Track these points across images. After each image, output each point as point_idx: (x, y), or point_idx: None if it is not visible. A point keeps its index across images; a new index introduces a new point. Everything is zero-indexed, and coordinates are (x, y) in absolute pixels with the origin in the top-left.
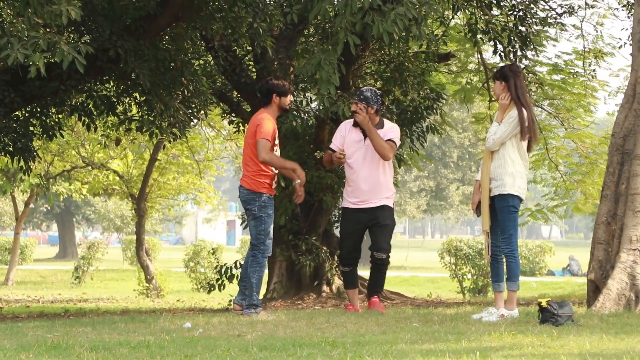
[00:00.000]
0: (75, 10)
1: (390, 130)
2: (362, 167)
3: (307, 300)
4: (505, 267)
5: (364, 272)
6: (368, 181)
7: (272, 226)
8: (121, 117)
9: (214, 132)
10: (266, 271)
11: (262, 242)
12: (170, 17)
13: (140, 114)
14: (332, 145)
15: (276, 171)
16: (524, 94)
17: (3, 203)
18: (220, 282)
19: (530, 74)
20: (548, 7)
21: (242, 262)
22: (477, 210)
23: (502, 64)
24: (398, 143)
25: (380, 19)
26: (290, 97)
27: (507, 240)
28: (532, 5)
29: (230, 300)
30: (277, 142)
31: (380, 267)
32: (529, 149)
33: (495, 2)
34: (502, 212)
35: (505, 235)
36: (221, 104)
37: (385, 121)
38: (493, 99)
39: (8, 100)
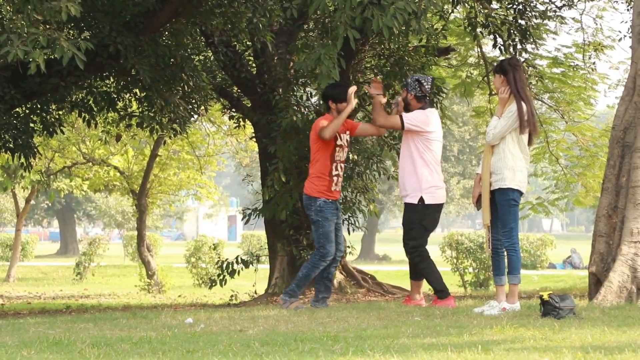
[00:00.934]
0: (74, 6)
1: (413, 113)
2: (400, 157)
3: (308, 295)
4: (506, 260)
5: (364, 266)
6: (400, 172)
7: (332, 230)
8: (121, 113)
9: (214, 127)
10: (268, 266)
11: (322, 246)
12: (170, 13)
13: (140, 109)
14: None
15: (334, 174)
16: (524, 88)
17: (4, 200)
18: (221, 277)
19: (530, 67)
20: (547, 0)
21: (242, 258)
22: (478, 203)
23: (502, 58)
24: (410, 124)
25: (379, 13)
26: (349, 104)
27: (507, 233)
28: None
29: (231, 296)
30: (341, 142)
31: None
32: (529, 143)
33: None
34: (502, 206)
35: (506, 228)
36: (221, 100)
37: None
38: (493, 93)
39: (8, 97)
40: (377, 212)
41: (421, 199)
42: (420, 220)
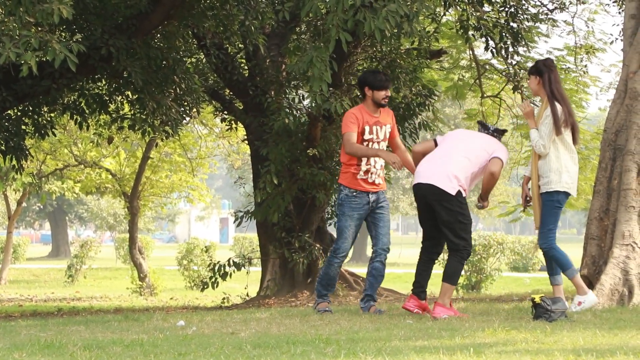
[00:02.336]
0: (66, 8)
1: None
2: None
3: (300, 298)
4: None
5: (356, 269)
6: None
7: (349, 226)
8: (113, 115)
9: (206, 130)
10: (260, 268)
11: (335, 241)
12: (162, 15)
13: (132, 112)
14: None
15: (364, 168)
16: (559, 88)
17: None
18: (213, 280)
19: (522, 70)
20: (539, 3)
21: (234, 260)
22: (525, 205)
23: (537, 59)
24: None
25: (371, 16)
26: (385, 92)
27: (545, 234)
28: (524, 2)
29: (223, 298)
30: (371, 136)
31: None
32: (574, 142)
33: None
34: (546, 206)
35: (544, 229)
36: (213, 102)
37: None
38: (485, 95)
39: (0, 99)
40: None
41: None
42: None
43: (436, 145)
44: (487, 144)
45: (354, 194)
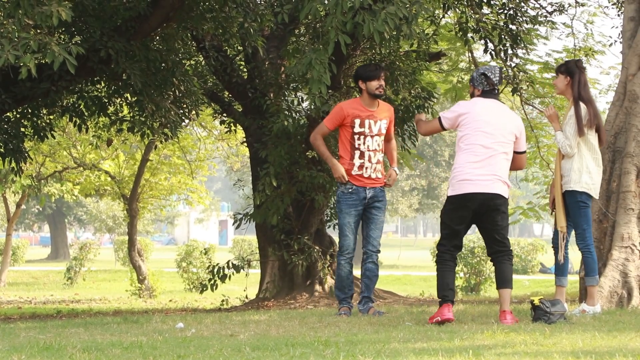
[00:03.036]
0: (65, 11)
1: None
2: None
3: (299, 300)
4: (582, 262)
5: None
6: None
7: (347, 223)
8: (112, 117)
9: (205, 132)
10: (259, 270)
11: (339, 240)
12: (161, 18)
13: (131, 114)
14: None
15: (358, 163)
16: (587, 91)
17: None
18: (212, 282)
19: (521, 73)
20: (538, 6)
21: (233, 262)
22: (553, 208)
23: (567, 59)
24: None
25: (370, 18)
26: (377, 82)
27: (581, 235)
28: (523, 4)
29: (222, 301)
30: (362, 129)
31: None
32: (600, 143)
33: (485, 0)
34: (572, 208)
35: (579, 230)
36: (212, 104)
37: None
38: None
39: None
40: None
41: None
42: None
43: (442, 126)
44: (512, 128)
45: (350, 190)
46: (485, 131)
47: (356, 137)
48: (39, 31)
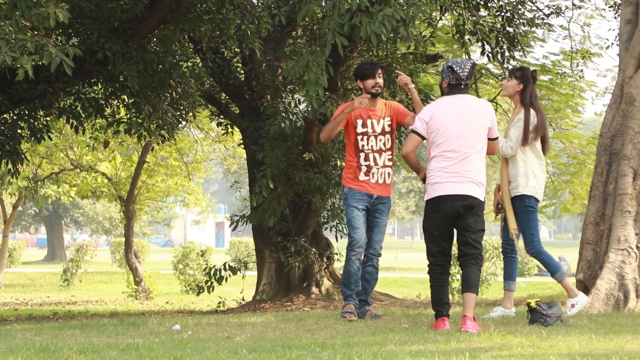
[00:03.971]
0: (63, 12)
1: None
2: None
3: (296, 302)
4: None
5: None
6: None
7: (356, 216)
8: (109, 119)
9: (202, 134)
10: (255, 272)
11: (348, 234)
12: (158, 19)
13: (128, 116)
14: None
15: (364, 164)
16: (536, 100)
17: None
18: (209, 284)
19: None
20: (535, 8)
21: (230, 264)
22: (497, 212)
23: (518, 65)
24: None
25: (368, 20)
26: (372, 80)
27: (529, 240)
28: (520, 6)
29: (219, 303)
30: (365, 129)
31: None
32: (544, 151)
33: (482, 3)
34: (520, 213)
35: (527, 235)
36: (209, 106)
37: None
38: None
39: None
40: None
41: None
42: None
43: (422, 137)
44: (484, 121)
45: (354, 191)
46: (453, 135)
47: (359, 137)
48: (36, 33)
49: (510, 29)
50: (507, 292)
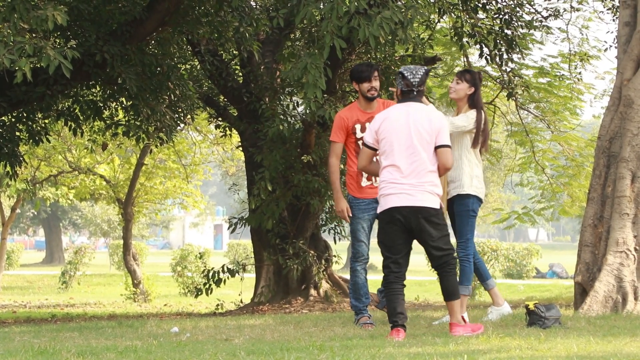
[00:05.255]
0: (61, 15)
1: None
2: None
3: (294, 304)
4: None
5: None
6: None
7: (360, 229)
8: (108, 121)
9: (200, 136)
10: (254, 275)
11: (352, 245)
12: (157, 22)
13: (126, 118)
14: None
15: (365, 173)
16: (482, 103)
17: None
18: (207, 286)
19: (516, 77)
20: (534, 11)
21: (228, 266)
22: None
23: (467, 69)
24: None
25: (366, 22)
26: (368, 84)
27: (463, 244)
28: (518, 9)
29: (217, 305)
30: (363, 134)
31: None
32: (485, 149)
33: (481, 5)
34: (461, 216)
35: (462, 239)
36: (208, 109)
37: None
38: None
39: None
40: None
41: None
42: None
43: (372, 149)
44: (429, 129)
45: (358, 200)
46: (402, 144)
47: (360, 142)
48: (34, 35)
49: (509, 32)
50: (491, 291)
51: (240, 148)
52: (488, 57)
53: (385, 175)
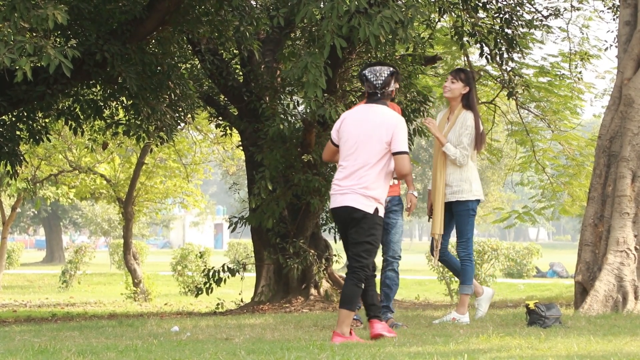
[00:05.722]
0: (61, 14)
1: None
2: None
3: (295, 304)
4: (461, 270)
5: None
6: None
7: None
8: (108, 121)
9: (201, 135)
10: (254, 274)
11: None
12: (157, 21)
13: (127, 117)
14: None
15: None
16: (475, 102)
17: None
18: (207, 285)
19: (516, 77)
20: (534, 10)
21: (228, 266)
22: (430, 215)
23: (461, 67)
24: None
25: (366, 21)
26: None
27: (464, 244)
28: (518, 8)
29: (217, 304)
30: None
31: None
32: (481, 148)
33: (481, 4)
34: (462, 216)
35: (463, 239)
36: (208, 108)
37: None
38: (480, 102)
39: None
40: None
41: None
42: None
43: (335, 145)
44: (384, 132)
45: None
46: (351, 145)
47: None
48: (34, 34)
49: (509, 31)
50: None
51: (241, 147)
52: (488, 56)
53: (335, 174)
